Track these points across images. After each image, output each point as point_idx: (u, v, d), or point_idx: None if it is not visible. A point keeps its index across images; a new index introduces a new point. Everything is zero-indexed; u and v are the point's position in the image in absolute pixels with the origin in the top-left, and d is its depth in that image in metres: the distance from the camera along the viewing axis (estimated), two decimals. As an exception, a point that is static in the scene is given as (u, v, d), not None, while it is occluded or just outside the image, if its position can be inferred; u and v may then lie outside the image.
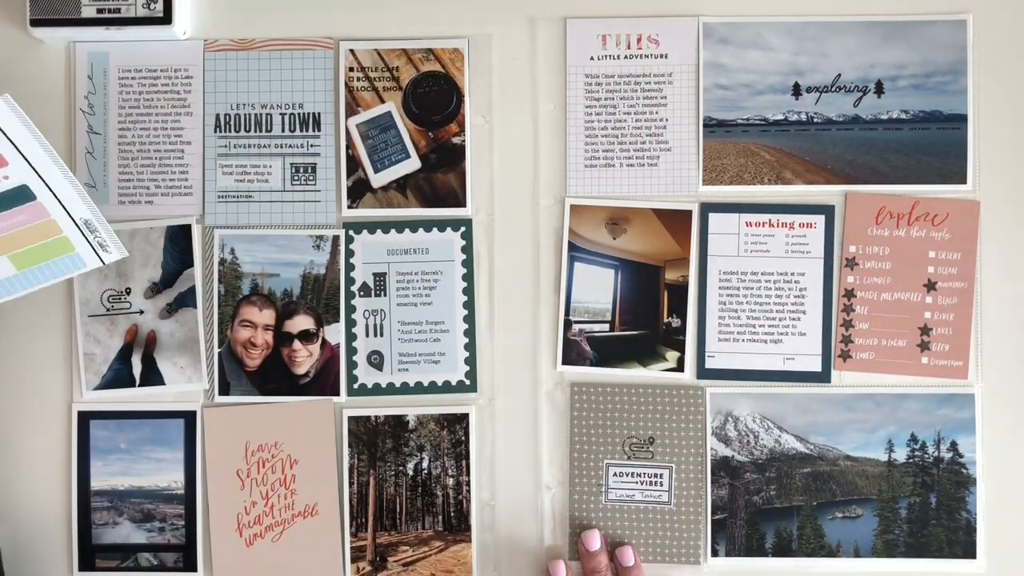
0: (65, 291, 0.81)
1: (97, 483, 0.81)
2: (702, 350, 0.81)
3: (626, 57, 0.81)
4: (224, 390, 0.81)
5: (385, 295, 0.81)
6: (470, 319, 0.81)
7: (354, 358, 0.81)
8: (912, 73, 0.81)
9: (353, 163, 0.81)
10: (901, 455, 0.80)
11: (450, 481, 0.81)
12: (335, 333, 0.81)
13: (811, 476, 0.81)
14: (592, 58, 0.81)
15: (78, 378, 0.81)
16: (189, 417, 0.81)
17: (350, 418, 0.81)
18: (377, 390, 0.81)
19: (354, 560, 0.81)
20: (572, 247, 0.81)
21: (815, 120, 0.81)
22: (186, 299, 0.81)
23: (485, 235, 0.81)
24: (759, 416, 0.81)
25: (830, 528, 0.80)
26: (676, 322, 0.81)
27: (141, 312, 0.81)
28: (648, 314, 0.81)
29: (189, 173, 0.81)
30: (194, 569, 0.81)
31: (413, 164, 0.81)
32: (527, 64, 0.82)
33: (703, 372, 0.81)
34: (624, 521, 0.80)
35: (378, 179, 0.81)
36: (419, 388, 0.81)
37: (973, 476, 0.80)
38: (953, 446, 0.80)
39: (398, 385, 0.81)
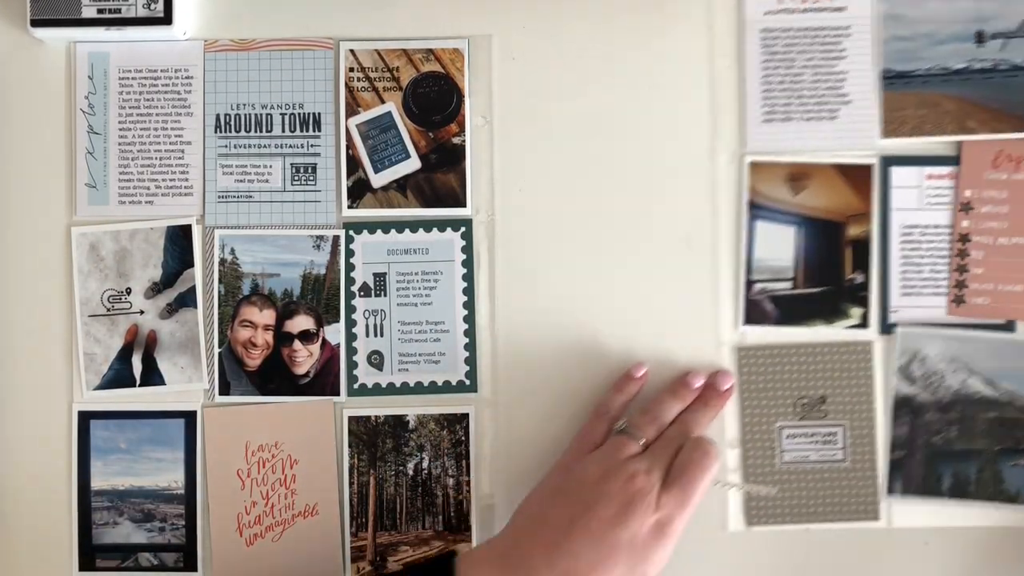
0: (65, 291, 0.81)
1: (97, 483, 0.81)
2: (885, 306, 0.80)
3: (803, 11, 0.81)
4: (224, 390, 0.81)
5: (385, 295, 0.81)
6: (470, 319, 0.81)
7: (354, 358, 0.81)
8: (1103, 10, 0.80)
9: (353, 163, 0.81)
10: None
11: (450, 481, 0.81)
12: (335, 333, 0.81)
13: (996, 421, 0.80)
14: (768, 12, 0.81)
15: (78, 378, 0.81)
16: (189, 417, 0.81)
17: (350, 418, 0.81)
18: (377, 390, 0.81)
19: (354, 560, 0.81)
20: (752, 205, 0.81)
21: (1000, 68, 0.80)
22: (186, 299, 0.81)
23: (486, 235, 0.81)
24: (948, 357, 0.80)
25: (1010, 475, 0.80)
26: (859, 278, 0.80)
27: (141, 312, 0.81)
28: (831, 271, 0.81)
29: (189, 173, 0.81)
30: (195, 569, 0.81)
31: (413, 164, 0.81)
32: (703, 16, 0.81)
33: (886, 328, 0.80)
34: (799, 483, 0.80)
35: (378, 179, 0.81)
36: (419, 388, 0.81)
37: None
38: None
39: (398, 385, 0.81)
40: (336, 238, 0.81)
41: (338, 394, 0.81)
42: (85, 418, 0.81)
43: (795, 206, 0.81)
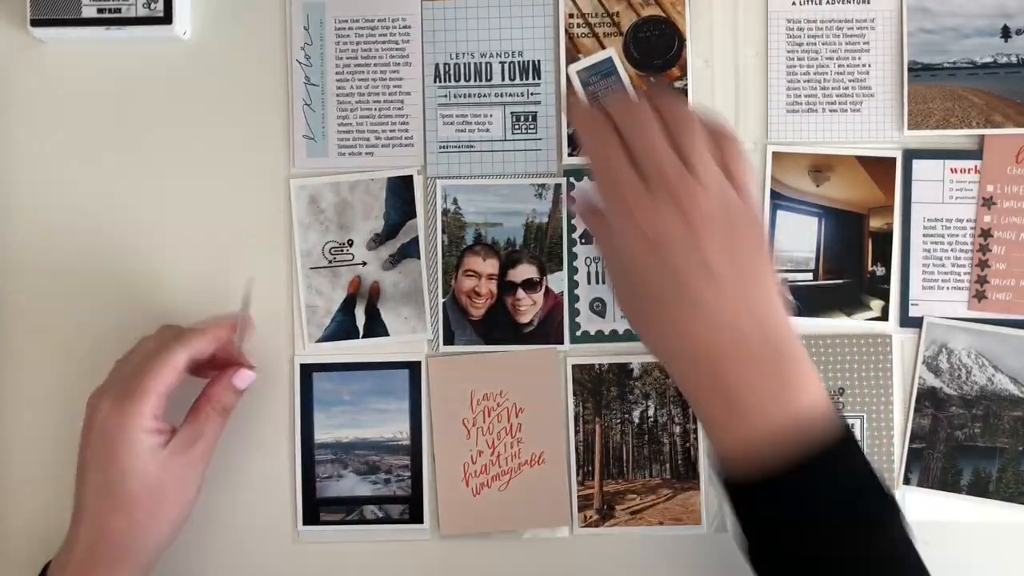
0: (286, 243, 0.81)
1: (321, 436, 0.81)
2: (905, 299, 0.80)
3: (828, 2, 0.81)
4: (449, 340, 0.81)
5: (607, 242, 0.81)
6: (692, 265, 0.80)
7: (576, 306, 0.81)
8: None
9: (574, 110, 0.81)
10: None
11: (677, 429, 0.81)
12: (558, 281, 0.81)
13: (1021, 421, 0.80)
14: (794, 3, 0.81)
15: (300, 331, 0.81)
16: (414, 367, 0.81)
17: (574, 366, 0.81)
18: (600, 337, 0.81)
19: (581, 508, 0.80)
20: (774, 195, 0.80)
21: None
22: (409, 250, 0.81)
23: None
24: (975, 352, 0.80)
25: None
26: (880, 271, 0.80)
27: (364, 264, 0.81)
28: (852, 263, 0.80)
29: (409, 124, 0.81)
30: (420, 520, 0.81)
31: (634, 110, 0.80)
32: (729, 4, 0.81)
33: (906, 320, 0.80)
34: None
35: (599, 126, 0.80)
36: (642, 335, 0.81)
37: None
38: None
39: (621, 332, 0.81)
40: (558, 186, 0.81)
41: (561, 342, 0.81)
42: (307, 371, 0.81)
43: (817, 197, 0.80)
